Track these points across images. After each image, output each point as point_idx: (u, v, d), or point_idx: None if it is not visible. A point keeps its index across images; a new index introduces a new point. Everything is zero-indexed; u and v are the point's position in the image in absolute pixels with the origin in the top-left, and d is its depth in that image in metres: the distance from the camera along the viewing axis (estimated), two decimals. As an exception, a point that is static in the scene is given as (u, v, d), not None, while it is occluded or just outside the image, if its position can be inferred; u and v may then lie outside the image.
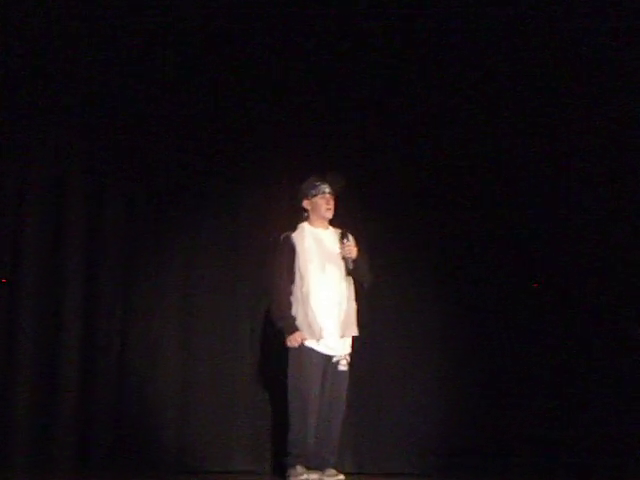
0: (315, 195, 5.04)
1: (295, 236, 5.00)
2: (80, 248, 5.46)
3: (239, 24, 5.75)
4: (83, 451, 5.30)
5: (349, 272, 4.95)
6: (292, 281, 4.90)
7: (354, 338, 4.95)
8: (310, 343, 4.83)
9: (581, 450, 5.51)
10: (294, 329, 4.84)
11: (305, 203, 5.08)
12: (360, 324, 4.96)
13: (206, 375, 5.59)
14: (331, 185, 5.06)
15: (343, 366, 4.88)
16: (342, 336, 4.88)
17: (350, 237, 4.97)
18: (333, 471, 4.84)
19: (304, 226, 5.06)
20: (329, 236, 5.06)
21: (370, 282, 5.05)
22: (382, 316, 5.75)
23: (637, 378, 5.41)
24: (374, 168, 5.91)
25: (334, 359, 4.87)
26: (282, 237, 5.01)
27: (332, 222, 5.10)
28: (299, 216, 5.08)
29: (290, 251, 4.94)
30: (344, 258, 4.95)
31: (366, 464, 5.61)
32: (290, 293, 4.90)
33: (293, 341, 4.84)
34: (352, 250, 4.94)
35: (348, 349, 4.94)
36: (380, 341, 5.72)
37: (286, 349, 4.85)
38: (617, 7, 5.34)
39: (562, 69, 5.72)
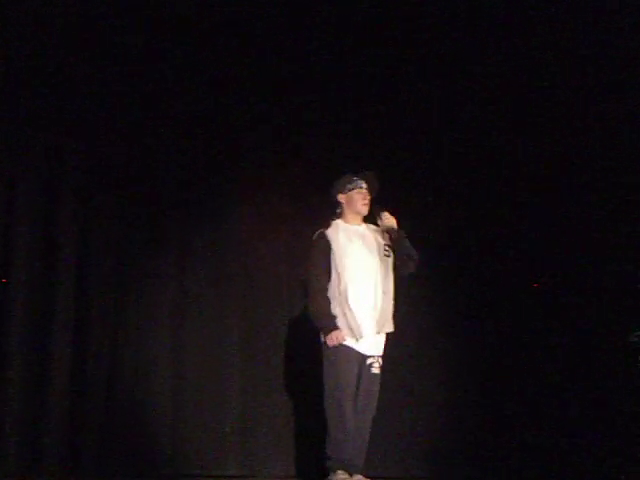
0: (352, 189, 4.93)
1: (329, 232, 4.88)
2: (72, 256, 5.41)
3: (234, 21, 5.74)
4: (74, 456, 5.24)
5: (396, 249, 4.81)
6: (329, 279, 4.78)
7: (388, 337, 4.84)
8: (349, 342, 4.70)
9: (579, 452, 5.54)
10: (334, 327, 4.70)
11: (340, 197, 4.97)
12: (395, 320, 4.85)
13: (197, 381, 5.60)
14: (367, 183, 4.95)
15: (376, 369, 4.77)
16: (378, 332, 4.77)
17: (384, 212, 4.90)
18: (360, 477, 4.69)
19: (338, 222, 4.95)
20: (364, 231, 4.95)
21: (416, 259, 4.84)
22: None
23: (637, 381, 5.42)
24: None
25: (368, 361, 4.75)
26: (316, 234, 4.91)
27: (365, 219, 5.00)
28: (332, 213, 4.97)
29: (325, 248, 4.83)
30: (387, 231, 4.86)
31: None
32: (327, 290, 4.77)
33: (333, 340, 4.69)
34: (391, 219, 4.86)
35: (381, 349, 4.83)
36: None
37: (317, 351, 4.74)
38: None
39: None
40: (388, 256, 4.87)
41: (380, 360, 4.79)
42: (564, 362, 5.71)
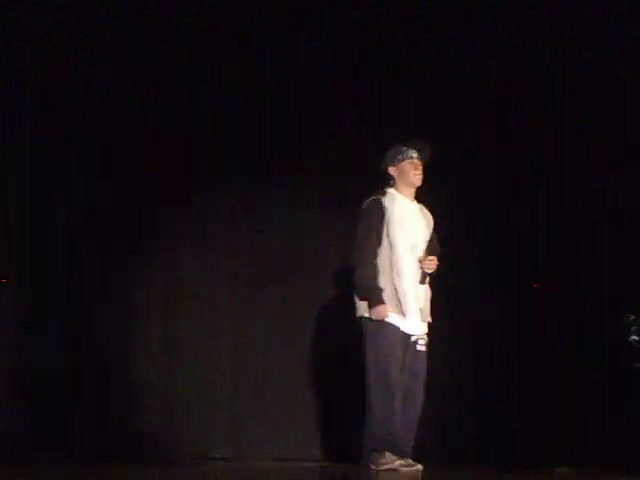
0: (402, 160, 4.73)
1: (385, 200, 4.66)
2: (64, 237, 5.53)
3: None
4: (68, 442, 5.32)
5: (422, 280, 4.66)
6: (379, 248, 4.59)
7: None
8: (393, 319, 4.54)
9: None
10: (381, 301, 4.52)
11: (391, 170, 4.76)
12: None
13: (188, 366, 5.67)
14: (418, 151, 4.75)
15: (421, 346, 4.61)
16: (423, 320, 4.65)
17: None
18: (410, 460, 4.50)
19: (393, 192, 4.73)
20: (417, 210, 4.76)
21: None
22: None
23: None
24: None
25: (412, 338, 4.59)
26: (369, 201, 4.68)
27: (419, 199, 4.83)
28: (384, 183, 4.77)
29: (380, 215, 4.61)
30: (422, 269, 4.65)
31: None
32: (376, 260, 4.58)
33: (378, 314, 4.51)
34: (433, 265, 4.65)
35: (425, 329, 4.68)
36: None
37: (310, 335, 4.78)
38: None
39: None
40: (429, 246, 4.73)
41: (426, 337, 4.66)
42: (565, 345, 5.68)
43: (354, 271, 4.62)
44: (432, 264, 4.63)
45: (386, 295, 4.54)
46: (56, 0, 5.39)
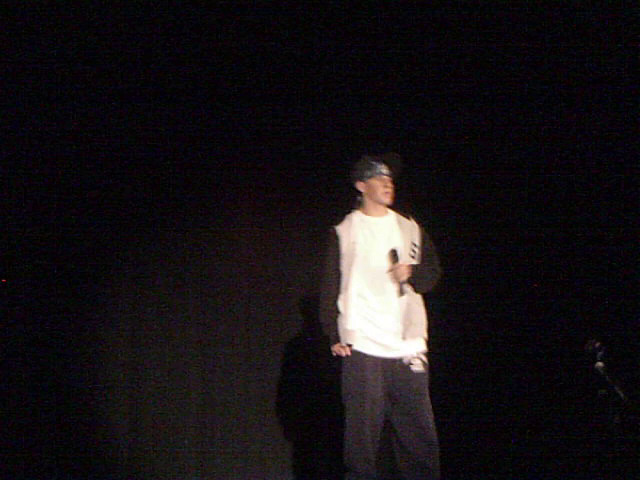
0: (371, 177, 4.44)
1: (340, 229, 4.45)
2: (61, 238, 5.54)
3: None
4: (32, 469, 5.30)
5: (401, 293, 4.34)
6: (339, 280, 4.37)
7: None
8: (361, 347, 4.30)
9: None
10: (335, 340, 4.34)
11: (359, 186, 4.48)
12: (430, 328, 4.43)
13: (156, 391, 5.62)
14: (389, 166, 4.46)
15: (417, 366, 4.31)
16: (403, 338, 4.32)
17: (399, 255, 4.35)
18: None
19: (352, 216, 4.49)
20: (387, 224, 4.47)
21: (434, 279, 4.44)
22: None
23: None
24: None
25: (404, 360, 4.32)
26: (328, 231, 4.49)
27: (394, 209, 4.56)
28: (354, 201, 4.55)
29: (335, 247, 4.41)
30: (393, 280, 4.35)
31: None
32: (337, 295, 4.37)
33: (336, 351, 4.35)
34: (402, 273, 4.32)
35: (420, 348, 4.37)
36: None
37: (276, 359, 4.67)
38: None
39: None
40: (414, 257, 4.41)
41: (423, 357, 4.35)
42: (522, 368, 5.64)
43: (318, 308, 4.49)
44: (400, 271, 4.32)
45: (356, 324, 4.31)
46: (56, 0, 5.40)
